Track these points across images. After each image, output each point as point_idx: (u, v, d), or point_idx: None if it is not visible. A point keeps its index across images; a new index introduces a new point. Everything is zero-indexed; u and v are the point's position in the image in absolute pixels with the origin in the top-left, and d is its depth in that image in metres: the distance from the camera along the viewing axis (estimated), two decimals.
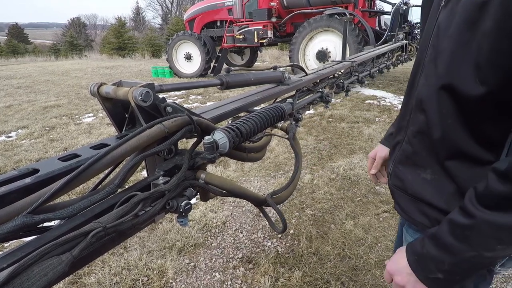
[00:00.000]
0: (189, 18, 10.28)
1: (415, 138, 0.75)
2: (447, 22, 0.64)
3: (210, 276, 1.92)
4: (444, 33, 0.65)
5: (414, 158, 0.76)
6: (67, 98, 7.14)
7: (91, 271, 1.94)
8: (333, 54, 7.40)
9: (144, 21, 41.35)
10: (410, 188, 0.77)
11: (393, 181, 0.83)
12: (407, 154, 0.78)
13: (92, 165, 0.62)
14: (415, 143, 0.75)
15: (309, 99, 2.07)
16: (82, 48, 26.20)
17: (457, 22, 0.61)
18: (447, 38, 0.63)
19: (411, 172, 0.77)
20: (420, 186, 0.74)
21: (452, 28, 0.62)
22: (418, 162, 0.75)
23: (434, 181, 0.71)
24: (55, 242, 0.52)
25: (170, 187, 0.74)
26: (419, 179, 0.74)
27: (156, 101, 0.82)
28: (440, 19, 0.67)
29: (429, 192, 0.72)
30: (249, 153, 1.05)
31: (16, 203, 0.55)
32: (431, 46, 0.69)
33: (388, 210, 2.49)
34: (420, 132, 0.73)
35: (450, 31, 0.63)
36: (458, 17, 0.61)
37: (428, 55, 0.70)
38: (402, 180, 0.79)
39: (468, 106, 0.62)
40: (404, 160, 0.79)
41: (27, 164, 3.57)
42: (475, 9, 0.57)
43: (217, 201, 2.68)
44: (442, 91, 0.65)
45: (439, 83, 0.65)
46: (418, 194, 0.75)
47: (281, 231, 0.99)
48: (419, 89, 0.73)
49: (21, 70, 13.82)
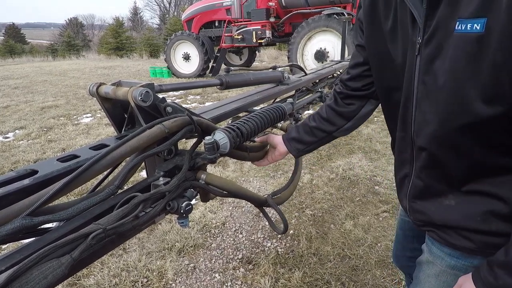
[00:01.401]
0: (187, 18, 10.26)
1: (423, 173, 0.73)
2: (439, 59, 0.61)
3: (210, 277, 1.91)
4: (439, 71, 0.62)
5: (430, 190, 0.74)
6: (65, 99, 7.11)
7: (90, 273, 1.93)
8: (332, 54, 7.40)
9: (142, 21, 41.28)
10: (437, 219, 0.73)
11: (416, 217, 0.79)
12: (421, 188, 0.75)
13: (91, 166, 0.61)
14: (425, 177, 0.73)
15: (309, 99, 2.06)
16: (79, 48, 26.10)
17: (453, 57, 0.59)
18: (445, 75, 0.61)
19: (432, 202, 0.74)
20: (447, 213, 0.71)
21: (448, 63, 0.60)
22: (435, 192, 0.73)
23: (459, 205, 0.69)
24: (54, 245, 0.51)
25: (170, 188, 0.73)
26: (442, 206, 0.72)
27: (156, 101, 0.82)
28: (426, 57, 0.64)
29: (459, 217, 0.69)
30: (250, 152, 1.04)
31: (14, 205, 0.54)
32: (421, 82, 0.66)
33: (387, 210, 2.49)
34: (428, 167, 0.71)
35: (445, 66, 0.60)
36: (453, 52, 0.58)
37: (419, 91, 0.68)
38: (425, 213, 0.76)
39: (481, 131, 0.60)
40: (419, 194, 0.76)
41: (24, 165, 3.55)
42: (472, 42, 0.55)
43: (216, 201, 2.68)
44: (450, 125, 0.63)
45: (445, 119, 0.63)
46: (449, 222, 0.71)
47: (282, 232, 0.98)
48: (417, 127, 0.70)
49: (18, 70, 13.76)
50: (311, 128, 1.01)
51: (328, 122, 1.00)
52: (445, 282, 0.76)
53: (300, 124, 1.05)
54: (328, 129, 1.01)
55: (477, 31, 0.54)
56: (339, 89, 0.99)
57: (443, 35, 0.60)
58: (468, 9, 0.55)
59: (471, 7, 0.54)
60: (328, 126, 1.00)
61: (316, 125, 1.01)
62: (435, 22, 0.61)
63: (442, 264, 0.76)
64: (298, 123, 1.07)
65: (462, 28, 0.56)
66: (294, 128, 1.05)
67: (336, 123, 1.00)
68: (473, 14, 0.54)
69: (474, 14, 0.54)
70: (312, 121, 1.02)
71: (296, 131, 1.03)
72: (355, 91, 0.95)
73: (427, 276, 0.80)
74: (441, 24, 0.60)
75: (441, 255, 0.76)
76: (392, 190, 2.76)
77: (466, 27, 0.55)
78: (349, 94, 0.97)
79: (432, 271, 0.78)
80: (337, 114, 0.99)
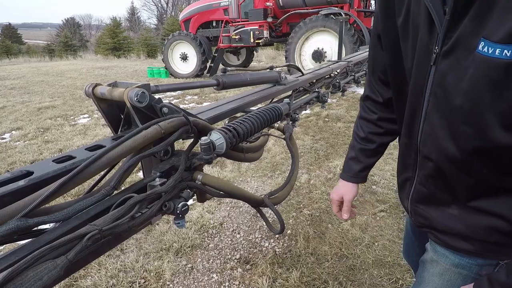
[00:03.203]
0: (185, 18, 10.24)
1: (428, 181, 0.73)
2: (455, 75, 0.58)
3: (208, 277, 1.91)
4: (454, 88, 0.59)
5: (433, 198, 0.74)
6: (62, 99, 7.08)
7: (87, 274, 1.93)
8: (329, 54, 7.42)
9: (139, 21, 41.17)
10: (439, 225, 0.74)
11: (417, 219, 0.79)
12: (425, 194, 0.75)
13: (87, 167, 0.61)
14: (430, 186, 0.73)
15: (306, 99, 2.07)
16: (76, 49, 25.97)
17: (473, 80, 0.55)
18: (462, 95, 0.57)
19: (435, 209, 0.74)
20: (450, 221, 0.71)
21: (467, 84, 0.56)
22: (439, 200, 0.73)
23: (462, 216, 0.69)
24: (49, 246, 0.51)
25: (166, 189, 0.73)
26: (445, 215, 0.72)
27: (152, 101, 0.82)
28: (442, 69, 0.60)
29: (462, 227, 0.69)
30: (247, 153, 1.05)
31: (9, 206, 0.54)
32: (433, 94, 0.64)
33: (384, 209, 2.50)
34: (433, 177, 0.71)
35: (463, 86, 0.57)
36: (475, 73, 0.54)
37: (430, 103, 0.65)
38: (427, 218, 0.76)
39: (496, 155, 0.59)
40: (423, 200, 0.76)
41: (21, 166, 3.54)
42: (499, 69, 0.51)
43: (214, 202, 2.67)
44: (464, 146, 0.61)
45: (458, 139, 0.62)
46: (451, 230, 0.72)
47: (279, 232, 0.98)
48: (424, 137, 0.69)
49: (14, 71, 13.68)
50: (374, 150, 0.95)
51: (388, 135, 0.94)
52: (448, 281, 0.76)
53: (355, 155, 0.97)
54: (391, 139, 0.96)
55: (506, 58, 0.49)
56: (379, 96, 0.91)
57: (462, 51, 0.56)
58: (498, 31, 0.50)
59: (502, 30, 0.49)
60: (390, 137, 0.95)
61: (379, 143, 0.94)
62: (456, 36, 0.57)
63: (446, 262, 0.76)
64: (349, 156, 0.99)
65: (489, 51, 0.51)
66: (351, 163, 0.97)
67: (395, 129, 0.93)
68: (504, 39, 0.49)
69: (505, 40, 0.49)
70: (369, 143, 0.95)
71: (357, 163, 0.96)
72: None
73: (431, 275, 0.80)
74: (462, 39, 0.56)
75: (446, 253, 0.76)
76: (390, 190, 2.77)
77: (494, 52, 0.51)
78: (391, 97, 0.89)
79: (436, 269, 0.78)
80: (393, 121, 0.91)
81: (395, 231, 2.25)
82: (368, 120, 0.95)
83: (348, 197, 0.98)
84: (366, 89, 0.95)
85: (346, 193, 0.99)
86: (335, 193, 1.01)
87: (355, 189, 0.99)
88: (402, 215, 2.42)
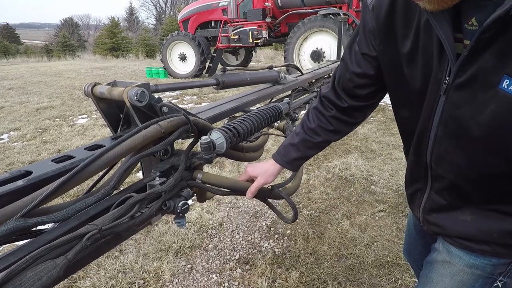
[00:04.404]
0: (183, 19, 10.24)
1: (443, 193, 0.74)
2: (472, 108, 0.59)
3: (207, 278, 1.91)
4: (471, 120, 0.59)
5: (446, 206, 0.75)
6: (60, 99, 7.06)
7: (86, 275, 1.92)
8: (328, 54, 7.43)
9: (138, 21, 41.11)
10: (453, 232, 0.75)
11: (430, 228, 0.81)
12: (438, 204, 0.76)
13: (86, 166, 0.60)
14: (446, 196, 0.74)
15: (305, 99, 2.07)
16: (75, 49, 25.89)
17: (497, 115, 0.56)
18: (482, 128, 0.58)
19: (448, 217, 0.75)
20: (463, 228, 0.73)
21: (488, 119, 0.57)
22: (452, 208, 0.74)
23: (475, 221, 0.71)
24: (49, 246, 0.51)
25: (166, 188, 0.73)
26: (458, 221, 0.73)
27: (151, 101, 0.81)
28: (455, 100, 0.61)
29: (476, 232, 0.71)
30: (247, 152, 1.04)
31: (8, 206, 0.54)
32: (443, 123, 0.64)
33: (383, 209, 2.50)
34: (448, 189, 0.73)
35: (483, 120, 0.58)
36: (498, 109, 0.55)
37: (439, 130, 0.66)
38: (440, 226, 0.77)
39: None
40: (436, 209, 0.77)
41: (19, 166, 3.52)
42: None
43: (213, 202, 2.67)
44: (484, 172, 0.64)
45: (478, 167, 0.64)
46: (465, 235, 0.73)
47: (292, 221, 0.95)
48: (436, 158, 0.69)
49: (12, 71, 13.63)
50: (317, 143, 0.95)
51: (335, 133, 0.95)
52: (460, 281, 0.76)
53: (296, 142, 0.95)
54: (335, 139, 0.96)
55: None
56: (344, 103, 0.90)
57: (481, 86, 0.56)
58: None
59: None
60: (335, 136, 0.96)
61: (323, 139, 0.94)
62: (474, 70, 0.57)
63: (460, 263, 0.76)
64: (286, 142, 0.97)
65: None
66: (291, 148, 0.95)
67: (343, 131, 0.95)
68: None
69: None
70: (315, 135, 0.94)
71: (296, 150, 0.95)
72: (361, 99, 0.88)
73: (441, 275, 0.80)
74: (482, 74, 0.56)
75: (460, 254, 0.76)
76: (388, 190, 2.77)
77: None
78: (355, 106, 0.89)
79: (448, 270, 0.78)
80: (345, 124, 0.93)
81: (394, 231, 2.25)
82: (322, 114, 0.93)
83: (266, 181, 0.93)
84: (329, 90, 0.92)
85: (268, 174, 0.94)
86: (258, 168, 0.94)
87: (277, 174, 0.96)
88: (401, 215, 2.42)
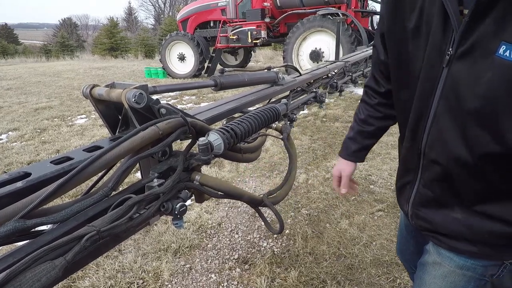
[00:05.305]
0: (182, 19, 10.23)
1: (433, 185, 0.72)
2: (471, 78, 0.57)
3: (206, 277, 1.92)
4: (469, 91, 0.57)
5: (437, 201, 0.73)
6: (59, 100, 7.05)
7: (85, 275, 1.92)
8: (327, 54, 7.43)
9: (137, 21, 41.02)
10: (442, 229, 0.74)
11: (418, 223, 0.79)
12: (428, 198, 0.75)
13: (85, 168, 0.61)
14: (435, 189, 0.72)
15: (303, 99, 2.07)
16: (73, 49, 25.82)
17: (491, 84, 0.53)
18: (478, 99, 0.56)
19: (438, 213, 0.73)
20: (453, 225, 0.71)
21: (484, 88, 0.55)
22: (442, 204, 0.72)
23: (466, 220, 0.69)
24: (48, 247, 0.51)
25: (164, 189, 0.73)
26: (449, 218, 0.72)
27: (149, 102, 0.82)
28: (456, 71, 0.59)
29: (466, 230, 0.69)
30: (245, 153, 1.05)
31: (7, 207, 0.54)
32: (444, 97, 0.62)
33: (382, 209, 2.51)
34: (439, 180, 0.71)
35: (479, 90, 0.55)
36: (493, 78, 0.53)
37: (440, 106, 0.64)
38: (429, 222, 0.76)
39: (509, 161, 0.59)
40: (425, 203, 0.76)
41: (18, 167, 3.52)
42: None
43: (212, 202, 2.67)
44: (477, 151, 0.61)
45: (472, 144, 0.61)
46: (455, 233, 0.72)
47: (278, 232, 0.99)
48: (431, 141, 0.68)
49: (11, 71, 13.60)
50: (371, 132, 0.99)
51: (386, 119, 0.97)
52: (452, 282, 0.76)
53: (353, 135, 1.01)
54: (390, 123, 0.98)
55: None
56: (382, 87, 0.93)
57: (480, 54, 0.55)
58: None
59: None
60: (388, 122, 0.98)
61: (376, 127, 0.98)
62: (474, 37, 0.55)
63: (450, 264, 0.75)
64: (348, 136, 1.04)
65: (510, 55, 0.51)
66: (349, 142, 1.02)
67: (393, 115, 0.95)
68: None
69: None
70: (367, 125, 0.98)
71: (354, 143, 1.01)
72: None
73: (433, 277, 0.80)
74: (481, 41, 0.54)
75: (450, 256, 0.75)
76: (387, 189, 2.78)
77: None
78: None
79: (439, 272, 0.78)
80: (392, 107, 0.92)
81: (392, 230, 2.26)
82: (368, 104, 0.99)
83: (345, 173, 1.03)
84: (369, 78, 0.98)
85: (344, 169, 1.04)
86: (335, 169, 1.07)
87: (353, 166, 1.04)
88: (399, 214, 2.43)
